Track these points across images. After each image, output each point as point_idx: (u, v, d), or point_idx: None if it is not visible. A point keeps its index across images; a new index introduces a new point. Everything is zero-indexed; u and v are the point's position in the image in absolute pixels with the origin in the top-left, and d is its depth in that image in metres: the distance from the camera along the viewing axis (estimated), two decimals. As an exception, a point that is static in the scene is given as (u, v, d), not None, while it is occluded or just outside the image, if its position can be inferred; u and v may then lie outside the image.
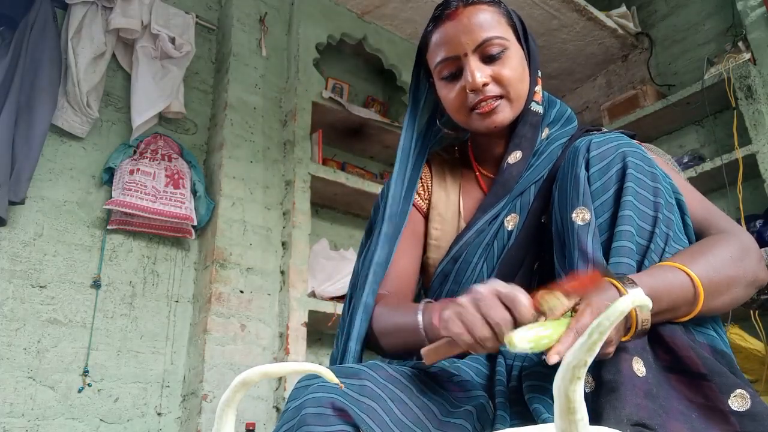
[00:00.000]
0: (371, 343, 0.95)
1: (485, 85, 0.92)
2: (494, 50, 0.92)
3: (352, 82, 3.09)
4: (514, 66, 0.93)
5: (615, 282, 0.69)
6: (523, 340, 0.62)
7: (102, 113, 2.28)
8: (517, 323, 0.65)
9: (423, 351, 0.73)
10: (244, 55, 2.59)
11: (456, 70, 0.95)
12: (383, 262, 0.97)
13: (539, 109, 0.98)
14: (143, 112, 2.26)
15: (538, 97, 0.99)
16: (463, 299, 0.69)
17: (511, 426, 0.72)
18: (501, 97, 0.93)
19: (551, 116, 1.01)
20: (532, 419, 0.73)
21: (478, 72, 0.91)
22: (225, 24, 2.69)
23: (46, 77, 2.08)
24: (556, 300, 0.66)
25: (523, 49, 0.97)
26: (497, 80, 0.92)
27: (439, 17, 0.97)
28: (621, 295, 0.67)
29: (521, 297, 0.65)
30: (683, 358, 0.69)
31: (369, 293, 0.95)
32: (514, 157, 0.96)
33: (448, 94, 0.97)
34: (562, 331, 0.64)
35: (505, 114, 0.94)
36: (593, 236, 0.76)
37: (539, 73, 1.01)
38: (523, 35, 0.98)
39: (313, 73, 2.66)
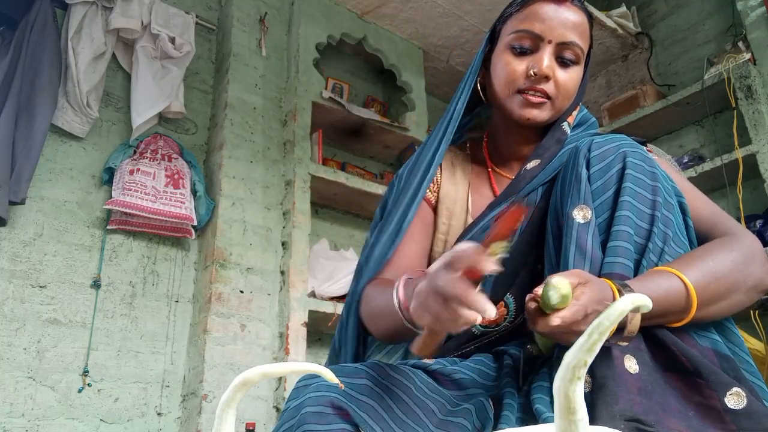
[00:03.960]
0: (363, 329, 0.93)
1: (547, 78, 0.92)
2: (570, 56, 0.94)
3: (352, 82, 3.09)
4: (573, 79, 0.95)
5: (612, 285, 0.69)
6: (561, 283, 0.64)
7: (102, 113, 2.28)
8: (476, 276, 0.62)
9: (413, 349, 0.70)
10: (244, 55, 2.59)
11: (529, 48, 0.94)
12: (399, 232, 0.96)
13: (568, 129, 0.99)
14: (143, 112, 2.26)
15: (571, 119, 1.00)
16: (420, 287, 0.66)
17: (516, 424, 0.73)
18: (549, 98, 0.94)
19: (573, 121, 1.01)
20: (533, 419, 0.73)
21: (549, 63, 0.92)
22: (225, 24, 2.69)
23: (46, 77, 2.08)
24: (498, 248, 0.65)
25: (582, 72, 0.99)
26: (556, 83, 0.93)
27: None
28: (614, 298, 0.67)
29: (465, 251, 0.61)
30: (677, 357, 0.69)
31: (371, 269, 0.94)
32: (533, 164, 0.96)
33: (506, 65, 0.96)
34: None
35: (543, 114, 0.94)
36: (593, 235, 0.76)
37: (581, 101, 1.02)
38: (588, 62, 1.00)
39: (313, 73, 2.66)
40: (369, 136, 2.91)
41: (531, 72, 0.92)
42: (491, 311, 0.60)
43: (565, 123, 0.98)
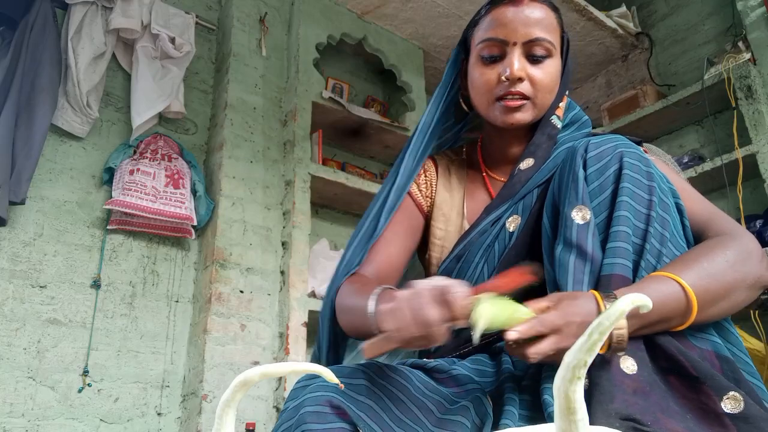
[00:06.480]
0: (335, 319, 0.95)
1: (521, 80, 0.92)
2: (540, 52, 0.93)
3: (352, 82, 3.09)
4: (550, 74, 0.94)
5: (597, 296, 0.69)
6: (482, 318, 0.65)
7: (102, 113, 2.28)
8: (453, 320, 0.66)
9: (363, 345, 0.72)
10: (244, 55, 2.59)
11: (498, 54, 0.95)
12: (366, 244, 0.98)
13: (558, 123, 0.99)
14: (143, 112, 2.26)
15: (560, 112, 1.00)
16: (401, 294, 0.69)
17: (520, 419, 0.73)
18: (528, 98, 0.94)
19: (565, 120, 1.01)
20: (540, 412, 0.73)
21: (519, 64, 0.92)
22: (225, 24, 2.69)
23: (46, 77, 2.08)
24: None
25: (562, 62, 0.98)
26: (531, 81, 0.93)
27: None
28: (599, 310, 0.68)
29: (457, 294, 0.66)
30: (676, 360, 0.69)
31: (344, 268, 0.96)
32: (527, 163, 0.96)
33: (480, 75, 0.96)
34: (519, 318, 0.67)
35: (525, 116, 0.94)
36: (592, 235, 0.76)
37: (567, 92, 1.02)
38: (565, 51, 1.00)
39: (313, 73, 2.66)
40: (369, 136, 2.91)
41: (503, 78, 0.93)
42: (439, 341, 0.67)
43: (554, 117, 0.98)
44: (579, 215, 0.78)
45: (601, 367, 0.67)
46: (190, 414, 2.06)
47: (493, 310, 0.66)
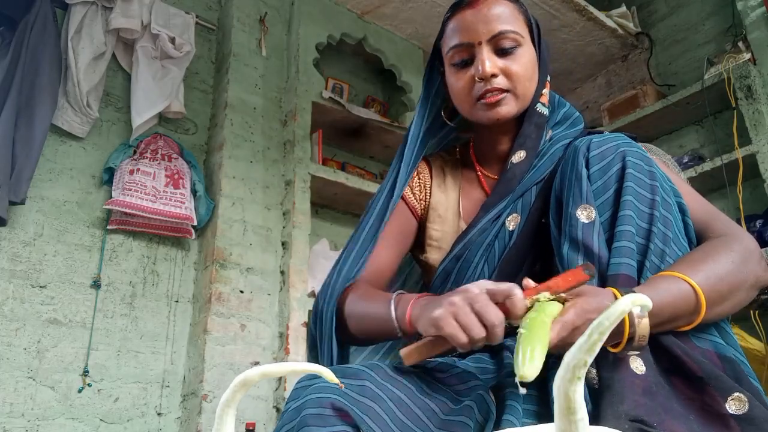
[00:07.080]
0: (338, 326, 0.94)
1: (494, 75, 0.93)
2: (507, 44, 0.93)
3: (352, 82, 3.09)
4: (524, 63, 0.94)
5: (617, 294, 0.69)
6: (534, 368, 0.59)
7: (102, 113, 2.28)
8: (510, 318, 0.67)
9: (403, 352, 0.71)
10: (244, 55, 2.59)
11: (468, 58, 0.95)
12: (363, 252, 0.99)
13: (545, 110, 0.98)
14: (143, 112, 2.26)
15: (545, 99, 0.99)
16: (456, 298, 0.69)
17: (524, 414, 0.73)
18: (507, 91, 0.94)
19: (557, 117, 1.01)
20: (544, 406, 0.73)
21: (489, 62, 0.92)
22: (225, 24, 2.69)
23: (46, 77, 2.08)
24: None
25: (535, 50, 0.98)
26: (506, 74, 0.93)
27: (458, 4, 0.98)
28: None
29: (516, 292, 0.67)
30: (682, 362, 0.69)
31: (343, 277, 0.96)
32: (518, 156, 0.96)
33: (456, 81, 0.97)
34: (546, 331, 0.64)
35: (509, 108, 0.94)
36: (598, 234, 0.76)
37: (548, 77, 1.01)
38: (537, 37, 0.99)
39: (313, 73, 2.66)
40: (369, 136, 2.91)
41: (477, 78, 0.93)
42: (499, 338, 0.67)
43: (539, 104, 0.98)
44: (584, 214, 0.78)
45: (613, 368, 0.67)
46: (190, 414, 2.06)
47: (540, 339, 0.62)
